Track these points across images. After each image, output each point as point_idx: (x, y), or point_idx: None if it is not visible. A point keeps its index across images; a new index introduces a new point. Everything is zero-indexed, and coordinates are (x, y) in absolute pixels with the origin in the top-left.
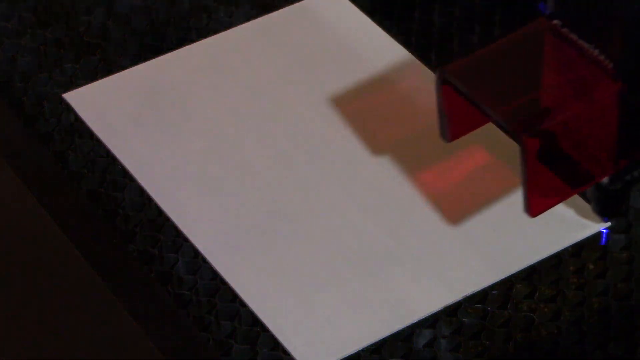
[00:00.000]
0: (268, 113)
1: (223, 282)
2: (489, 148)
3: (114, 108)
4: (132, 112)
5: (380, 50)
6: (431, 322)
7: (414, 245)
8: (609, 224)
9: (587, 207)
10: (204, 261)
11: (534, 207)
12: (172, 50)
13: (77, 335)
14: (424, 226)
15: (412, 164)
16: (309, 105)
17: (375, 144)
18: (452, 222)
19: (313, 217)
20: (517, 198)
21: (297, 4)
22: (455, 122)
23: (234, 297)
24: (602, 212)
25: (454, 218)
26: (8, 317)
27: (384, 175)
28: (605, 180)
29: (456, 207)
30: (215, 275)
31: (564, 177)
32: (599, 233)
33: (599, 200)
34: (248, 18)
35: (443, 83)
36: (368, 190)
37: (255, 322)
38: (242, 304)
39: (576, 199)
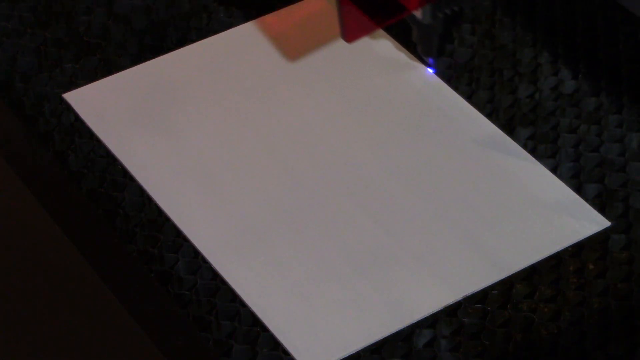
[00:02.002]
0: (268, 113)
1: (223, 282)
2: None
3: (114, 108)
4: (132, 112)
5: (380, 49)
6: (431, 322)
7: (414, 245)
8: (434, 71)
9: (587, 207)
10: (204, 261)
11: (349, 34)
12: (172, 50)
13: (77, 335)
14: (424, 226)
15: None
16: (309, 105)
17: (376, 144)
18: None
19: (313, 217)
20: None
21: (297, 4)
22: None
23: (234, 297)
24: (425, 52)
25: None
26: (8, 317)
27: (385, 175)
28: (420, 15)
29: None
30: (215, 275)
31: (376, 7)
32: (600, 232)
33: (420, 39)
34: (248, 18)
35: None
36: (369, 191)
37: (255, 322)
38: (242, 304)
39: (576, 198)
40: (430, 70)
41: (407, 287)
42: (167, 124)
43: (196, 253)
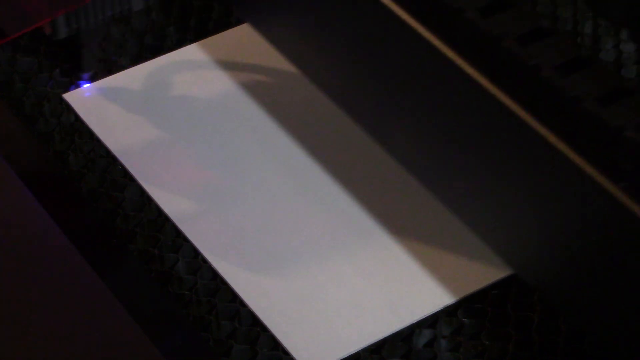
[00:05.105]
0: (268, 113)
1: (223, 282)
2: None
3: (114, 108)
4: (132, 112)
5: None
6: (431, 322)
7: (414, 245)
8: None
9: None
10: (204, 261)
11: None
12: (172, 50)
13: (77, 336)
14: (424, 226)
15: None
16: (308, 106)
17: (375, 144)
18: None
19: (312, 217)
20: None
21: None
22: None
23: (234, 297)
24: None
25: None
26: (8, 317)
27: (385, 175)
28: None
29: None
30: (215, 275)
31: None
32: None
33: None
34: None
35: None
36: (368, 191)
37: (255, 322)
38: (242, 304)
39: None
40: (87, 85)
41: (407, 287)
42: (167, 124)
43: (196, 253)
